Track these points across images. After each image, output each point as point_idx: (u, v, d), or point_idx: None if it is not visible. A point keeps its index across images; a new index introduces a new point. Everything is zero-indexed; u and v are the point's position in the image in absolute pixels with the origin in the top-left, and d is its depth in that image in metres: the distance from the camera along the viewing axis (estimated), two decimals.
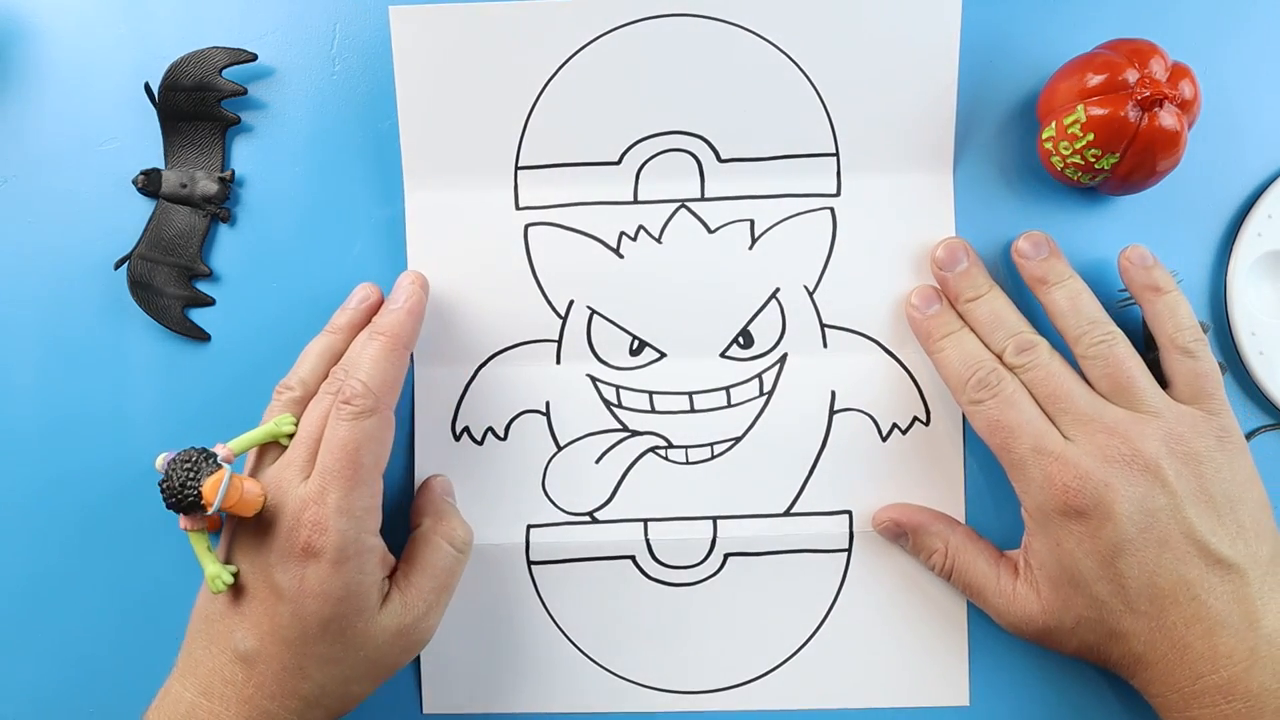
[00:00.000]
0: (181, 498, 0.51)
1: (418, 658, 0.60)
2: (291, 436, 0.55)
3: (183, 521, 0.52)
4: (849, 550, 0.60)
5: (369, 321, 0.59)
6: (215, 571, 0.53)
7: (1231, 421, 0.54)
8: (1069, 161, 0.57)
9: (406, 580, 0.55)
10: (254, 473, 0.56)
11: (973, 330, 0.58)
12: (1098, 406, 0.54)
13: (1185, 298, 0.56)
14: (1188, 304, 0.56)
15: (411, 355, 0.61)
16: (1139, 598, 0.52)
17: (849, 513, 0.60)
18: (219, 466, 0.51)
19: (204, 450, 0.52)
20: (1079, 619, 0.53)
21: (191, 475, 0.51)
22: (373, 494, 0.53)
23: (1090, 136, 0.55)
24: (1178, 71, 0.55)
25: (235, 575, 0.53)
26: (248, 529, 0.54)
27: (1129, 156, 0.55)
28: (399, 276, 0.59)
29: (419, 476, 0.61)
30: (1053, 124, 0.57)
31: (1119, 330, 0.55)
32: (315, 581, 0.51)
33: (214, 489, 0.50)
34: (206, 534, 0.53)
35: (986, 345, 0.57)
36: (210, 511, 0.50)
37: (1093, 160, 0.56)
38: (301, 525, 0.51)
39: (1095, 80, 0.55)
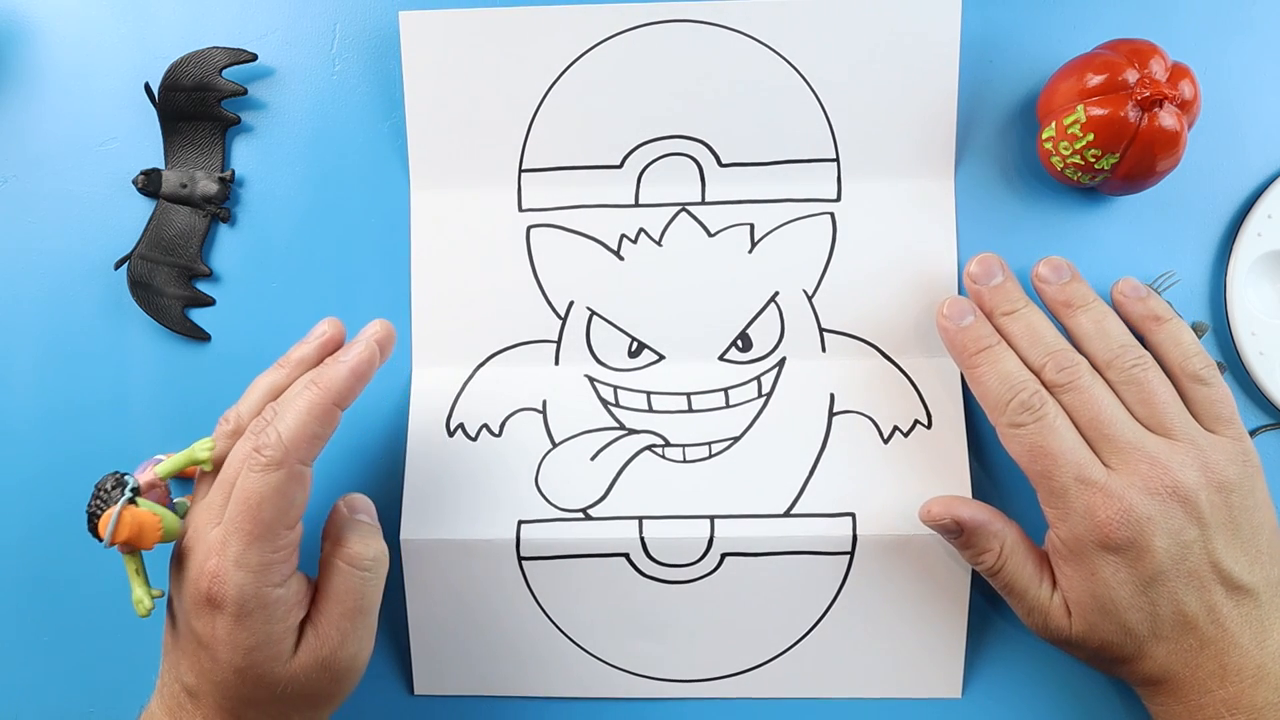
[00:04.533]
0: (91, 528, 0.51)
1: (407, 640, 0.60)
2: (211, 461, 0.54)
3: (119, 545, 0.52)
4: (851, 553, 0.59)
5: (322, 359, 0.55)
6: (138, 596, 0.53)
7: (1251, 445, 0.54)
8: (1069, 161, 0.57)
9: (317, 610, 0.53)
10: (195, 501, 0.55)
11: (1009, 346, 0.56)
12: (1139, 435, 0.53)
13: (1185, 323, 0.56)
14: (1189, 329, 0.56)
15: (411, 354, 0.62)
16: (1165, 625, 0.52)
17: (852, 515, 0.59)
18: (121, 497, 0.51)
19: (119, 477, 0.52)
20: (1103, 642, 0.53)
21: (99, 505, 0.51)
22: (275, 549, 0.50)
23: (1090, 136, 0.55)
24: (1178, 71, 0.55)
25: (161, 598, 0.53)
26: (175, 564, 0.53)
27: (1129, 156, 0.55)
28: (368, 324, 0.55)
29: (410, 472, 0.60)
30: (1053, 124, 0.57)
31: (1149, 354, 0.55)
32: (224, 633, 0.50)
33: (106, 523, 0.50)
34: (138, 555, 0.53)
35: (1023, 362, 0.55)
36: (104, 545, 0.51)
37: (1093, 160, 0.56)
38: (203, 575, 0.50)
39: (1095, 80, 0.55)
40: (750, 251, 0.61)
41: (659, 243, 0.61)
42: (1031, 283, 0.58)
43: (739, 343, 0.61)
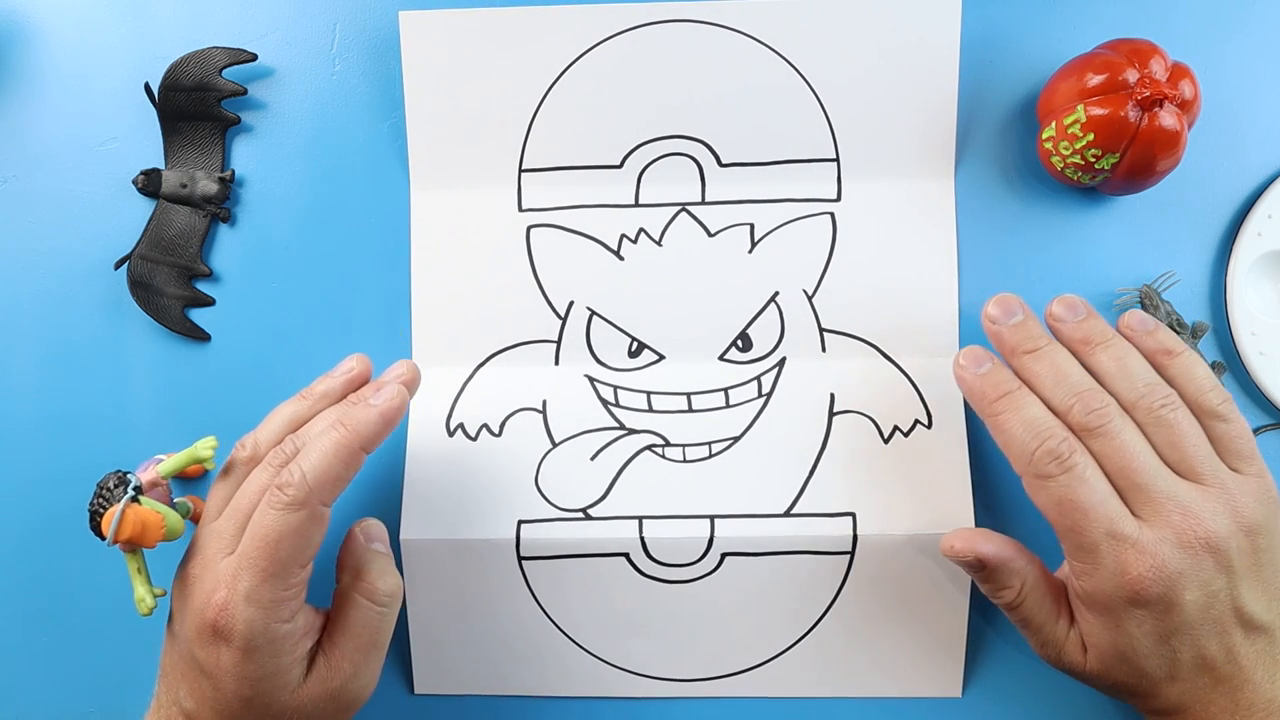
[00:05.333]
0: (92, 526, 0.51)
1: (408, 639, 0.60)
2: (215, 460, 0.54)
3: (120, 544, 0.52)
4: (851, 553, 0.59)
5: (346, 395, 0.56)
6: (140, 595, 0.53)
7: (1271, 480, 0.52)
8: (1069, 161, 0.57)
9: (331, 642, 0.53)
10: (204, 523, 0.54)
11: (1032, 388, 0.53)
12: (1170, 484, 0.50)
13: (1198, 355, 0.55)
14: (1203, 362, 0.54)
15: (411, 354, 0.62)
16: (1183, 669, 0.51)
17: (852, 515, 0.59)
18: (124, 495, 0.51)
19: (121, 475, 0.52)
20: (1116, 682, 0.52)
21: (102, 504, 0.51)
22: (287, 586, 0.50)
23: (1090, 136, 0.55)
24: (1178, 71, 0.55)
25: (164, 597, 0.53)
26: (180, 588, 0.53)
27: (1129, 156, 0.55)
28: (394, 364, 0.56)
29: (410, 472, 0.60)
30: (1053, 124, 0.57)
31: (1175, 393, 0.52)
32: (229, 664, 0.50)
33: (109, 521, 0.50)
34: (139, 554, 0.53)
35: (1048, 404, 0.53)
36: (107, 544, 0.51)
37: (1093, 160, 0.56)
38: (210, 605, 0.50)
39: (1095, 80, 0.55)
40: (750, 251, 0.61)
41: (659, 243, 0.61)
42: (1046, 321, 0.56)
43: (739, 343, 0.61)
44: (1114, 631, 0.51)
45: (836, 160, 0.61)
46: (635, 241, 0.61)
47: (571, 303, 0.61)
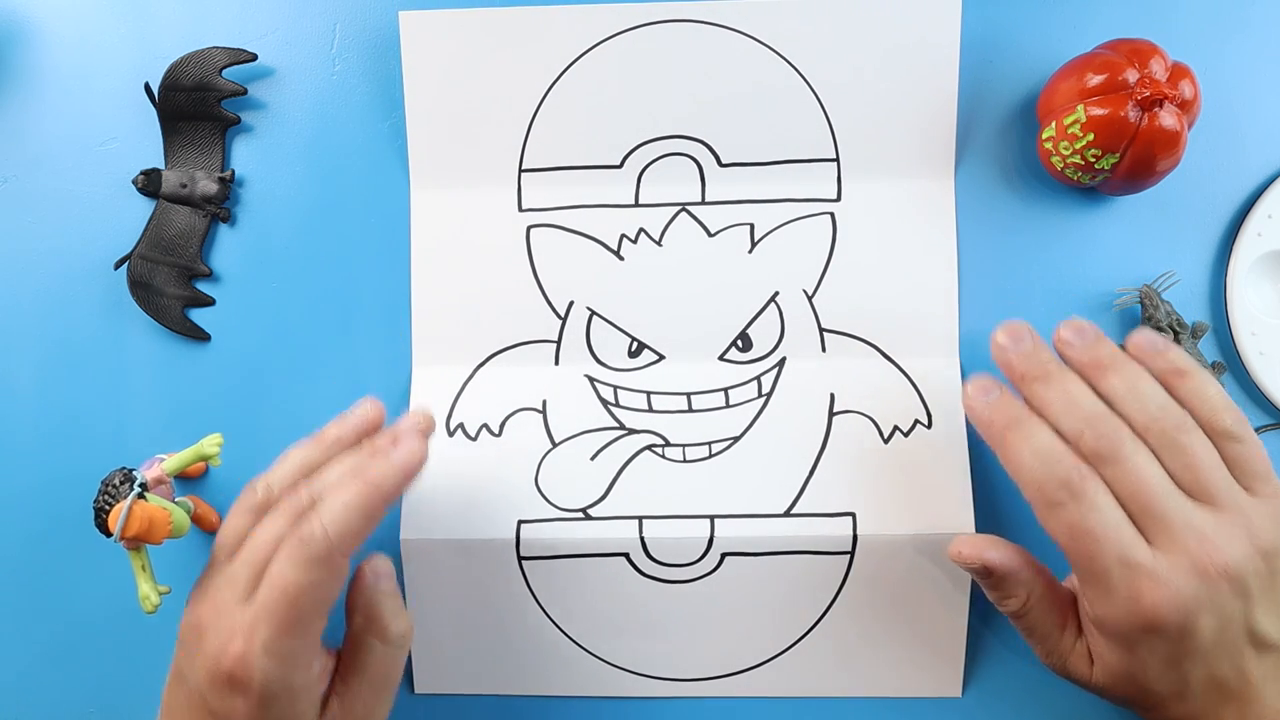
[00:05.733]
0: (98, 523, 0.51)
1: None
2: (220, 456, 0.54)
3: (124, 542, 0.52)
4: (851, 553, 0.59)
5: (359, 440, 0.54)
6: (145, 592, 0.52)
7: None
8: (1069, 161, 0.57)
9: (344, 684, 0.53)
10: (212, 576, 0.53)
11: (1042, 415, 0.52)
12: (1185, 511, 0.49)
13: (1210, 374, 0.53)
14: (1215, 382, 0.52)
15: (411, 354, 0.62)
16: (1193, 689, 0.50)
17: (852, 515, 0.59)
18: (130, 492, 0.51)
19: (127, 473, 0.52)
20: (1122, 697, 0.52)
21: (108, 500, 0.51)
22: (305, 637, 0.49)
23: (1090, 136, 0.55)
24: (1178, 71, 0.55)
25: (169, 594, 0.54)
26: (191, 634, 0.52)
27: (1129, 156, 0.55)
28: (409, 414, 0.54)
29: None
30: (1053, 124, 0.57)
31: (1188, 415, 0.51)
32: (245, 713, 0.49)
33: (115, 518, 0.50)
34: (144, 552, 0.53)
35: (1059, 431, 0.51)
36: (114, 540, 0.50)
37: (1093, 160, 0.56)
38: (227, 655, 0.48)
39: (1095, 80, 0.55)
40: (750, 251, 0.61)
41: (659, 243, 0.61)
42: (1054, 346, 0.54)
43: (739, 343, 0.61)
44: (1126, 656, 0.50)
45: (836, 160, 0.61)
46: (635, 241, 0.61)
47: (571, 303, 0.61)
